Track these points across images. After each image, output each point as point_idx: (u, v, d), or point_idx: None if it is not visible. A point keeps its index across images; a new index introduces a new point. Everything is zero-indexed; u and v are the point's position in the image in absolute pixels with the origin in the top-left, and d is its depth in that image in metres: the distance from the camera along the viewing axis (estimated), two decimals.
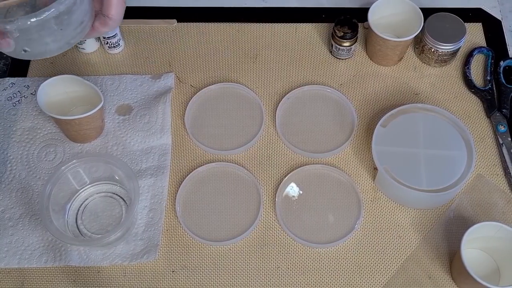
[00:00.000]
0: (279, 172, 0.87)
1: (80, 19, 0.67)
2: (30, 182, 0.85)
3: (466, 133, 0.83)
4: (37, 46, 0.67)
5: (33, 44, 0.66)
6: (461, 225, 0.81)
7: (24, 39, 0.65)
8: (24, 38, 0.65)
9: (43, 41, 0.66)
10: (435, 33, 0.90)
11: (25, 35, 0.64)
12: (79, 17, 0.67)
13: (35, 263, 0.80)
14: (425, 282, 0.79)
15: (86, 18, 0.68)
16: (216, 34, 1.00)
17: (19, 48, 0.66)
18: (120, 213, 0.84)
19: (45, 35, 0.65)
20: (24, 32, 0.64)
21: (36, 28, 0.64)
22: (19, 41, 0.65)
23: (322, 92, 0.93)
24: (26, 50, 0.67)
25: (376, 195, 0.85)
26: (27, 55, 0.68)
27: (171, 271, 0.80)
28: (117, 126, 0.90)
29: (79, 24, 0.68)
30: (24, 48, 0.67)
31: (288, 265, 0.80)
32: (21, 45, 0.66)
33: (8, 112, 0.91)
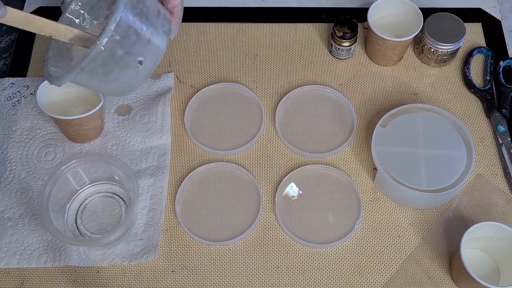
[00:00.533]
0: (278, 172, 0.87)
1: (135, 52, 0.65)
2: (29, 182, 0.85)
3: (466, 133, 0.83)
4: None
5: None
6: (461, 225, 0.81)
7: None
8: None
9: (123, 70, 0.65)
10: (434, 33, 0.90)
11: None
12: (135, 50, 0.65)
13: (35, 263, 0.80)
14: (424, 282, 0.79)
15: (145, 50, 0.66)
16: (216, 34, 1.00)
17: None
18: (120, 213, 0.84)
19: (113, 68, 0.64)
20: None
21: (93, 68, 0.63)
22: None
23: (321, 92, 0.93)
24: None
25: (376, 195, 0.85)
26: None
27: (170, 271, 0.80)
28: (117, 126, 0.90)
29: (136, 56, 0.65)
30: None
31: (288, 265, 0.80)
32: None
33: (8, 112, 0.91)
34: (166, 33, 0.67)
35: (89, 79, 0.64)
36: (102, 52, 0.61)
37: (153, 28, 0.65)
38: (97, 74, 0.63)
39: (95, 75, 0.63)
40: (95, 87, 0.67)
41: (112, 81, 0.65)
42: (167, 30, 0.67)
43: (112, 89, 0.68)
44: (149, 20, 0.64)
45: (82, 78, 0.64)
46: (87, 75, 0.63)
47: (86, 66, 0.61)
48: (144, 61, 0.65)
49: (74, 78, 0.63)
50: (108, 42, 0.60)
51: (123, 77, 0.65)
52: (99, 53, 0.61)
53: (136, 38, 0.63)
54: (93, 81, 0.65)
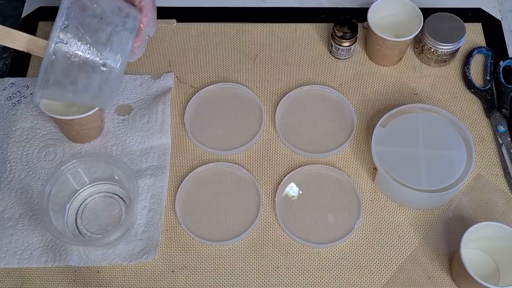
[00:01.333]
0: (278, 172, 0.87)
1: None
2: (29, 182, 0.85)
3: (466, 133, 0.83)
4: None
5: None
6: (461, 225, 0.81)
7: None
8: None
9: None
10: (434, 33, 0.90)
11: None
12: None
13: (35, 263, 0.80)
14: (424, 282, 0.79)
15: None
16: (216, 34, 1.00)
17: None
18: (120, 213, 0.84)
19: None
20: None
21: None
22: None
23: (321, 92, 0.93)
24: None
25: (376, 195, 0.85)
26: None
27: (170, 271, 0.80)
28: (117, 126, 0.90)
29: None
30: None
31: (288, 265, 0.80)
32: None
33: (8, 112, 0.91)
34: (130, 30, 0.64)
35: (62, 92, 0.62)
36: (56, 60, 0.59)
37: (111, 27, 0.62)
38: (65, 85, 0.61)
39: (63, 86, 0.61)
40: (72, 98, 0.64)
41: (84, 91, 0.63)
42: (130, 27, 0.64)
43: (89, 98, 0.65)
44: (105, 20, 0.62)
45: (54, 92, 0.62)
46: (56, 88, 0.61)
47: (44, 77, 0.59)
48: (108, 62, 0.62)
49: (44, 93, 0.61)
50: (58, 48, 0.59)
51: (92, 83, 0.63)
52: (54, 62, 0.59)
53: (92, 39, 0.61)
54: (67, 94, 0.63)
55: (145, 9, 0.66)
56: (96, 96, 0.65)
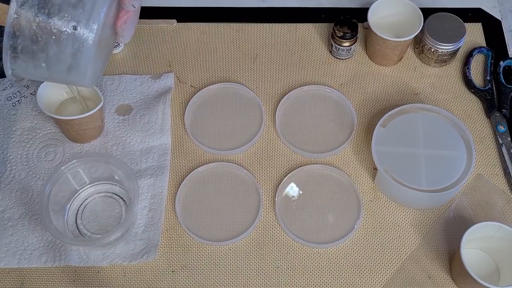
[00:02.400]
0: (278, 172, 0.87)
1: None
2: (30, 182, 0.85)
3: (466, 133, 0.83)
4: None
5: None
6: (461, 225, 0.81)
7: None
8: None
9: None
10: (435, 33, 0.90)
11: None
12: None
13: (35, 263, 0.80)
14: (424, 282, 0.79)
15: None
16: (216, 34, 1.00)
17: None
18: (120, 213, 0.84)
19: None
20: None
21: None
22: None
23: (321, 92, 0.93)
24: None
25: (376, 195, 0.85)
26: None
27: (171, 271, 0.80)
28: (117, 126, 0.90)
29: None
30: None
31: (288, 265, 0.80)
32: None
33: (8, 112, 0.91)
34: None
35: (33, 62, 0.58)
36: (21, 21, 0.55)
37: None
38: (35, 53, 0.58)
39: (34, 55, 0.58)
40: (48, 73, 0.60)
41: (57, 60, 0.59)
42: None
43: (65, 71, 0.61)
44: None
45: (26, 63, 0.58)
46: (27, 57, 0.57)
47: (11, 43, 0.56)
48: (79, 26, 0.58)
49: (15, 64, 0.57)
50: (22, 7, 0.55)
51: (64, 50, 0.59)
52: (19, 23, 0.55)
53: (57, 1, 0.57)
54: (39, 64, 0.59)
55: None
56: (71, 68, 0.60)
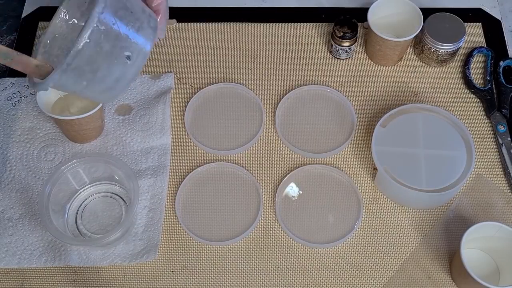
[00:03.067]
0: (278, 172, 0.87)
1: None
2: (29, 182, 0.85)
3: (466, 133, 0.83)
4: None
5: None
6: (461, 225, 0.81)
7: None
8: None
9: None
10: (434, 33, 0.90)
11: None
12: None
13: (35, 263, 0.80)
14: (424, 282, 0.79)
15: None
16: (216, 34, 1.00)
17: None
18: (120, 213, 0.84)
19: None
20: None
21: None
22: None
23: (321, 92, 0.93)
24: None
25: (376, 195, 0.85)
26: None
27: (170, 271, 0.80)
28: (117, 126, 0.90)
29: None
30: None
31: (288, 265, 0.80)
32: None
33: (8, 112, 0.91)
34: (153, 29, 0.65)
35: (76, 79, 0.61)
36: (88, 45, 0.58)
37: (139, 22, 0.63)
38: (84, 73, 0.61)
39: (82, 74, 0.60)
40: (83, 89, 0.63)
41: (100, 81, 0.63)
42: (153, 26, 0.66)
43: (100, 91, 0.65)
44: (134, 14, 0.63)
45: (69, 79, 0.60)
46: (74, 75, 0.60)
47: (71, 61, 0.58)
48: (132, 56, 0.63)
49: (60, 78, 0.59)
50: (93, 33, 0.58)
51: (111, 75, 0.63)
52: (85, 46, 0.58)
53: (123, 30, 0.61)
54: (81, 82, 0.62)
55: (161, 12, 0.68)
56: (108, 89, 0.64)
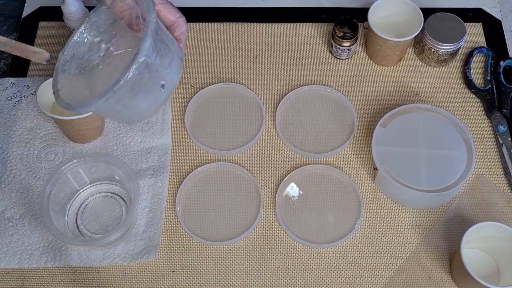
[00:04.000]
0: (279, 172, 0.87)
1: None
2: (30, 182, 0.85)
3: (466, 133, 0.83)
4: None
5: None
6: (461, 225, 0.81)
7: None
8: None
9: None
10: (435, 33, 0.90)
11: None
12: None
13: (35, 263, 0.80)
14: (425, 282, 0.79)
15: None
16: (216, 34, 1.00)
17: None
18: (120, 213, 0.84)
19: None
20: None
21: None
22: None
23: (322, 92, 0.93)
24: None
25: (376, 195, 0.85)
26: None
27: (171, 271, 0.80)
28: (117, 126, 0.90)
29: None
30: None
31: (288, 265, 0.80)
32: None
33: (8, 112, 0.91)
34: (181, 59, 0.69)
35: (115, 104, 0.64)
36: (134, 76, 0.61)
37: (171, 53, 0.67)
38: (123, 99, 0.64)
39: (121, 99, 0.64)
40: (115, 113, 0.67)
41: (134, 106, 0.66)
42: (181, 57, 0.69)
43: (130, 115, 0.68)
44: (168, 46, 0.66)
45: (109, 104, 0.63)
46: (115, 100, 0.63)
47: (118, 89, 0.61)
48: (165, 85, 0.67)
49: (103, 103, 0.62)
50: (140, 65, 0.61)
51: (145, 101, 0.66)
52: (132, 77, 0.61)
53: (160, 62, 0.65)
54: (117, 107, 0.65)
55: (183, 41, 0.71)
56: (138, 113, 0.68)
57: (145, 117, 0.71)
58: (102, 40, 0.74)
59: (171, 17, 0.70)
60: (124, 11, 0.69)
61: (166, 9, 0.70)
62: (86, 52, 0.73)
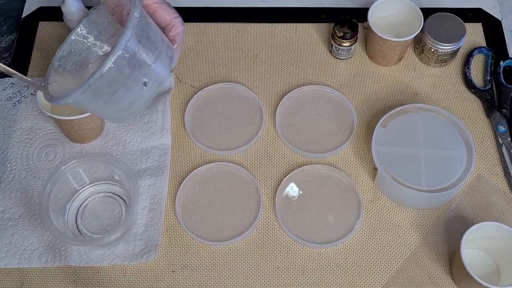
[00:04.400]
0: (279, 172, 0.87)
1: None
2: (30, 182, 0.85)
3: (466, 133, 0.83)
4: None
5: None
6: (461, 225, 0.81)
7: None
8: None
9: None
10: (435, 33, 0.90)
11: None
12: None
13: (35, 263, 0.80)
14: (425, 282, 0.79)
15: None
16: (216, 34, 1.00)
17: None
18: (120, 213, 0.84)
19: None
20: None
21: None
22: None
23: (322, 92, 0.93)
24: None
25: (376, 195, 0.85)
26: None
27: (171, 271, 0.80)
28: (117, 126, 0.90)
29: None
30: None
31: (288, 265, 0.80)
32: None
33: (8, 112, 0.91)
34: (170, 58, 0.68)
35: (94, 99, 0.64)
36: (111, 69, 0.61)
37: (158, 51, 0.66)
38: (102, 94, 0.63)
39: (100, 94, 0.63)
40: (97, 108, 0.67)
41: (115, 102, 0.66)
42: (170, 56, 0.69)
43: (113, 111, 0.68)
44: (155, 44, 0.66)
45: (87, 97, 0.63)
46: (93, 94, 0.63)
47: (93, 83, 0.61)
48: (148, 83, 0.66)
49: (79, 96, 0.62)
50: (118, 58, 0.61)
51: (127, 98, 0.66)
52: (109, 70, 0.61)
53: (143, 58, 0.64)
54: (97, 102, 0.65)
55: (177, 42, 0.71)
56: (121, 110, 0.68)
57: (130, 115, 0.70)
58: (100, 38, 0.73)
59: (166, 17, 0.70)
60: (116, 7, 0.68)
61: (162, 9, 0.70)
62: (84, 50, 0.73)
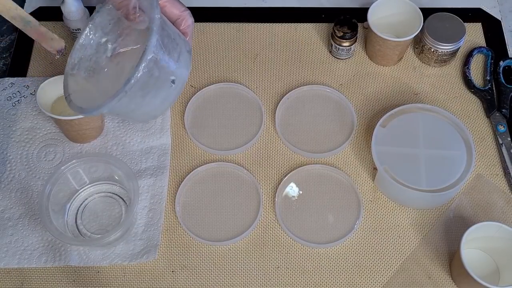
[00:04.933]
0: (278, 172, 0.87)
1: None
2: (29, 182, 0.85)
3: (466, 133, 0.83)
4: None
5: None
6: (461, 225, 0.81)
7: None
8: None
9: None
10: (434, 33, 0.90)
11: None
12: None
13: (35, 263, 0.80)
14: (424, 282, 0.79)
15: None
16: (216, 34, 1.00)
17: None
18: (120, 213, 0.84)
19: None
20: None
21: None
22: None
23: (321, 92, 0.93)
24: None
25: (376, 195, 0.85)
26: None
27: (170, 271, 0.80)
28: (117, 126, 0.90)
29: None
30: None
31: (288, 265, 0.80)
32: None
33: (8, 112, 0.91)
34: (189, 52, 0.69)
35: (127, 104, 0.64)
36: (144, 74, 0.61)
37: (179, 48, 0.67)
38: (135, 98, 0.64)
39: (133, 98, 0.64)
40: (129, 112, 0.67)
41: (147, 104, 0.66)
42: (189, 50, 0.69)
43: (144, 113, 0.69)
44: (175, 40, 0.66)
45: (121, 104, 0.63)
46: (127, 100, 0.63)
47: (130, 89, 0.61)
48: (175, 80, 0.67)
49: (116, 104, 0.62)
50: (149, 62, 0.61)
51: (157, 98, 0.66)
52: (142, 75, 0.61)
53: (168, 57, 0.65)
54: (130, 106, 0.65)
55: (189, 34, 0.72)
56: (151, 111, 0.68)
57: (158, 114, 0.72)
58: (108, 40, 0.73)
59: (176, 11, 0.70)
60: (122, 2, 0.69)
61: (171, 4, 0.70)
62: (94, 54, 0.73)
